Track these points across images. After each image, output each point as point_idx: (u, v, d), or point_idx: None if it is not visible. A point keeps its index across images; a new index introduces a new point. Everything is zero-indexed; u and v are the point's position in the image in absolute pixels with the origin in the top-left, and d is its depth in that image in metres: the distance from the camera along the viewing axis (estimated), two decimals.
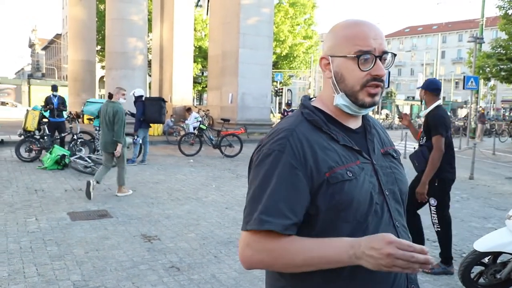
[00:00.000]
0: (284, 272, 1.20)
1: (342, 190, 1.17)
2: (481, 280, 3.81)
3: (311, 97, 1.38)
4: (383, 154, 1.33)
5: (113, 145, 7.32)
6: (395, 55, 1.27)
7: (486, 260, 3.77)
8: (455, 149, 4.51)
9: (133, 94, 11.19)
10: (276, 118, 31.09)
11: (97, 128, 11.35)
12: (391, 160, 1.35)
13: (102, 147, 7.58)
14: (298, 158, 1.17)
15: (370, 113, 1.40)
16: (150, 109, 11.12)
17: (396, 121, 36.98)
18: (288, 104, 19.33)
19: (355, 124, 1.31)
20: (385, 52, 1.22)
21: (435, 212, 4.31)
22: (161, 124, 16.19)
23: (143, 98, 11.35)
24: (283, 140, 1.19)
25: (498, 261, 3.77)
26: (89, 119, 13.99)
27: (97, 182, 7.22)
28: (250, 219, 1.16)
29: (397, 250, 1.01)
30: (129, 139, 10.29)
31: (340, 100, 1.25)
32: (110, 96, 7.67)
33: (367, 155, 1.27)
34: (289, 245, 1.13)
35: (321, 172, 1.17)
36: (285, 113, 18.41)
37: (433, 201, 4.29)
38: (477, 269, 3.80)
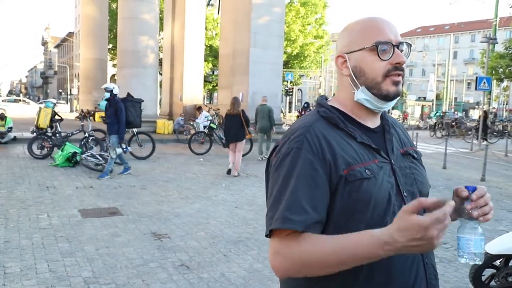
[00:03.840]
0: (318, 275, 1.12)
1: (360, 188, 1.13)
2: (493, 283, 3.77)
3: (327, 97, 1.35)
4: (403, 154, 1.30)
5: (269, 128, 12.27)
6: (410, 45, 1.26)
7: (497, 262, 3.74)
8: (466, 150, 4.43)
9: (112, 90, 9.07)
10: (289, 117, 31.05)
11: None
12: (411, 160, 1.31)
13: (260, 130, 12.28)
14: (316, 153, 1.14)
15: None
16: (132, 112, 9.58)
17: (407, 121, 36.73)
18: (305, 107, 19.45)
19: (373, 123, 1.28)
20: (401, 43, 1.21)
21: None
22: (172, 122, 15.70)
23: (117, 97, 9.22)
24: (300, 137, 1.17)
25: (510, 264, 3.74)
26: (102, 117, 14.12)
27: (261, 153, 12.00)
28: (272, 220, 1.11)
29: (438, 228, 0.96)
30: (119, 150, 9.08)
31: (361, 94, 1.22)
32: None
33: (386, 154, 1.24)
34: (317, 246, 1.08)
35: (339, 169, 1.14)
36: (303, 112, 18.46)
37: None
38: (488, 271, 3.77)
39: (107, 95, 9.04)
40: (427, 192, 1.32)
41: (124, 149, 9.36)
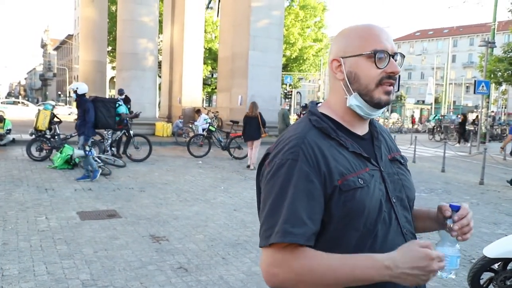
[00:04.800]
0: None
1: (354, 197, 1.15)
2: (491, 287, 3.77)
3: (317, 102, 1.36)
4: (390, 160, 1.33)
5: (283, 130, 12.94)
6: (404, 56, 1.29)
7: (496, 266, 3.74)
8: (465, 153, 4.43)
9: (76, 90, 8.60)
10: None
11: (108, 129, 11.43)
12: (399, 166, 1.34)
13: (278, 132, 13.76)
14: (312, 165, 1.15)
15: (380, 119, 1.39)
16: (103, 113, 9.05)
17: (406, 125, 36.79)
18: (304, 107, 19.37)
19: (362, 130, 1.30)
20: (396, 53, 1.24)
21: None
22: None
23: (87, 97, 8.94)
24: (295, 148, 1.17)
25: (508, 267, 3.74)
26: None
27: None
28: (271, 232, 1.11)
29: (439, 264, 1.05)
30: (79, 152, 8.69)
31: (354, 100, 1.24)
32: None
33: (375, 162, 1.26)
34: (315, 263, 1.10)
35: (333, 179, 1.15)
36: (302, 115, 18.42)
37: None
38: (486, 275, 3.77)
39: (75, 95, 8.66)
40: (413, 197, 1.35)
41: (87, 153, 8.58)
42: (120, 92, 13.42)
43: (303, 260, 1.10)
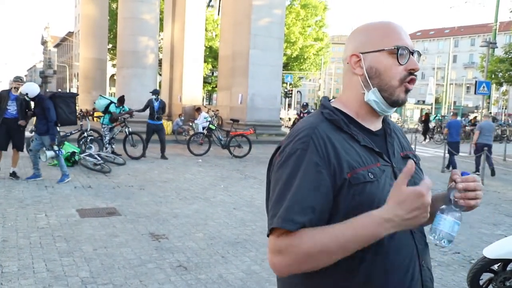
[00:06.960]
0: (320, 266, 1.12)
1: (363, 191, 1.15)
2: (490, 287, 3.78)
3: (330, 98, 1.36)
4: (403, 157, 1.32)
5: None
6: (420, 54, 1.29)
7: (495, 267, 3.74)
8: (465, 154, 4.42)
9: (26, 95, 8.04)
10: (284, 120, 31.09)
11: (104, 126, 11.44)
12: None
13: None
14: (321, 156, 1.14)
15: None
16: (64, 109, 8.52)
17: (406, 124, 36.79)
18: (304, 106, 19.38)
19: (375, 126, 1.30)
20: (415, 51, 1.24)
21: None
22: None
23: (41, 95, 8.21)
24: (306, 138, 1.17)
25: (508, 268, 3.74)
26: (98, 117, 14.04)
27: None
28: (273, 220, 1.12)
29: (430, 195, 1.04)
30: (50, 153, 8.28)
31: (372, 96, 1.23)
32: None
33: (387, 157, 1.26)
34: (316, 235, 1.09)
35: (343, 172, 1.15)
36: (302, 115, 18.41)
37: None
38: (486, 276, 3.77)
39: (28, 99, 8.18)
40: None
41: (57, 152, 8.23)
42: (155, 92, 12.94)
43: (305, 239, 1.09)
